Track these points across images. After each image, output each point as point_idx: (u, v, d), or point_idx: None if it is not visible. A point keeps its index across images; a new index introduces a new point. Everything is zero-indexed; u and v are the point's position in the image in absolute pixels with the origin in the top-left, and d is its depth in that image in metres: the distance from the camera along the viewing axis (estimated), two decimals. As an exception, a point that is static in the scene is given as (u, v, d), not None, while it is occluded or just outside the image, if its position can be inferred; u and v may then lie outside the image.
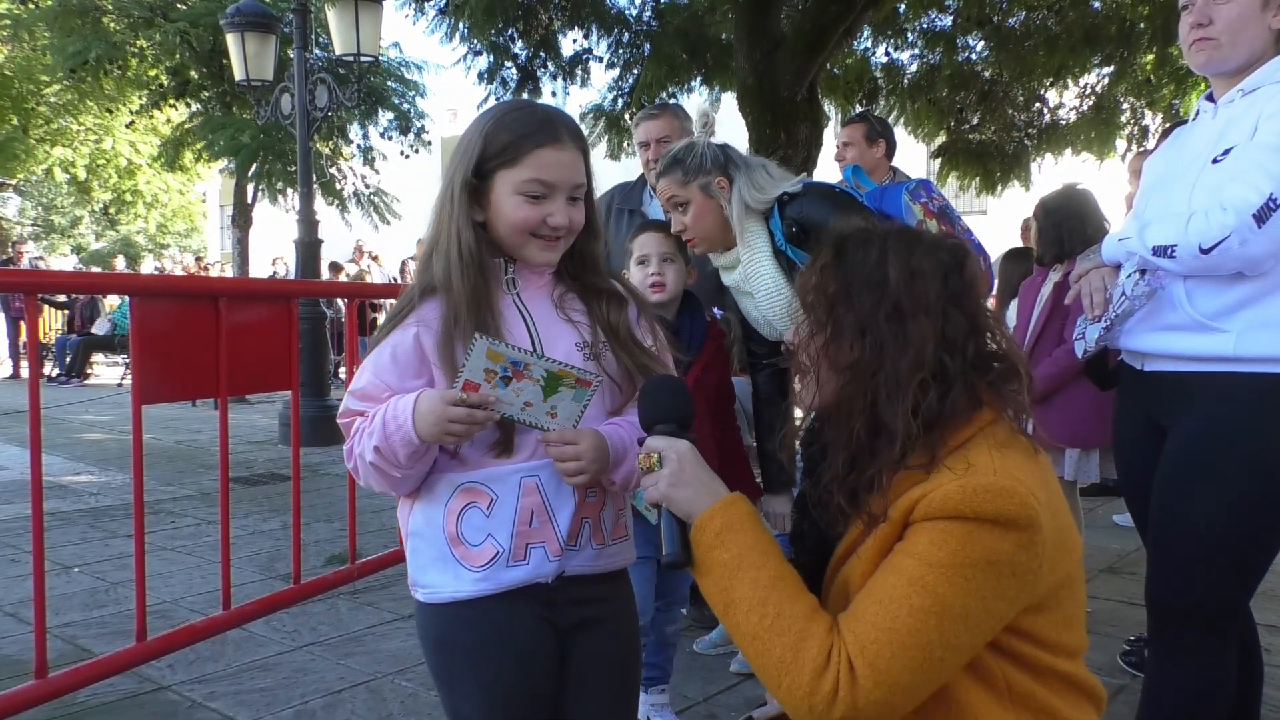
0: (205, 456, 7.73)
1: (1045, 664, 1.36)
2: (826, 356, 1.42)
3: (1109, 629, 3.62)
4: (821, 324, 1.43)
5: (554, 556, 1.61)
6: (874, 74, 10.66)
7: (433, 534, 1.64)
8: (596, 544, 1.67)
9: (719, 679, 3.29)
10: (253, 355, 3.02)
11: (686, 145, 2.70)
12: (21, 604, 3.99)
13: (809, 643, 1.27)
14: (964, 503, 1.27)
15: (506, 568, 1.60)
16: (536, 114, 1.64)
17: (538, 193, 1.59)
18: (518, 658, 1.63)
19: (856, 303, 1.39)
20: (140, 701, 3.10)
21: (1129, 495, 2.44)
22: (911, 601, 1.25)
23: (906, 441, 1.34)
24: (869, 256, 1.42)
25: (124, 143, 21.97)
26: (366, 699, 3.12)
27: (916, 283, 1.38)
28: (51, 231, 33.84)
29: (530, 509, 1.60)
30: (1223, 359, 2.02)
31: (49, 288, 5.68)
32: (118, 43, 13.46)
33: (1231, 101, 2.13)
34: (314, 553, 4.64)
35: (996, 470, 1.30)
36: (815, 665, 1.26)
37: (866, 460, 1.37)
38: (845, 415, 1.40)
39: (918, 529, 1.30)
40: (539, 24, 9.07)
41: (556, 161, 1.60)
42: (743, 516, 1.40)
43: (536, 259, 1.64)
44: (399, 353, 1.62)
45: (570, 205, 1.62)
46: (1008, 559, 1.26)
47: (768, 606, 1.31)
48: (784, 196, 2.61)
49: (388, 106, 15.01)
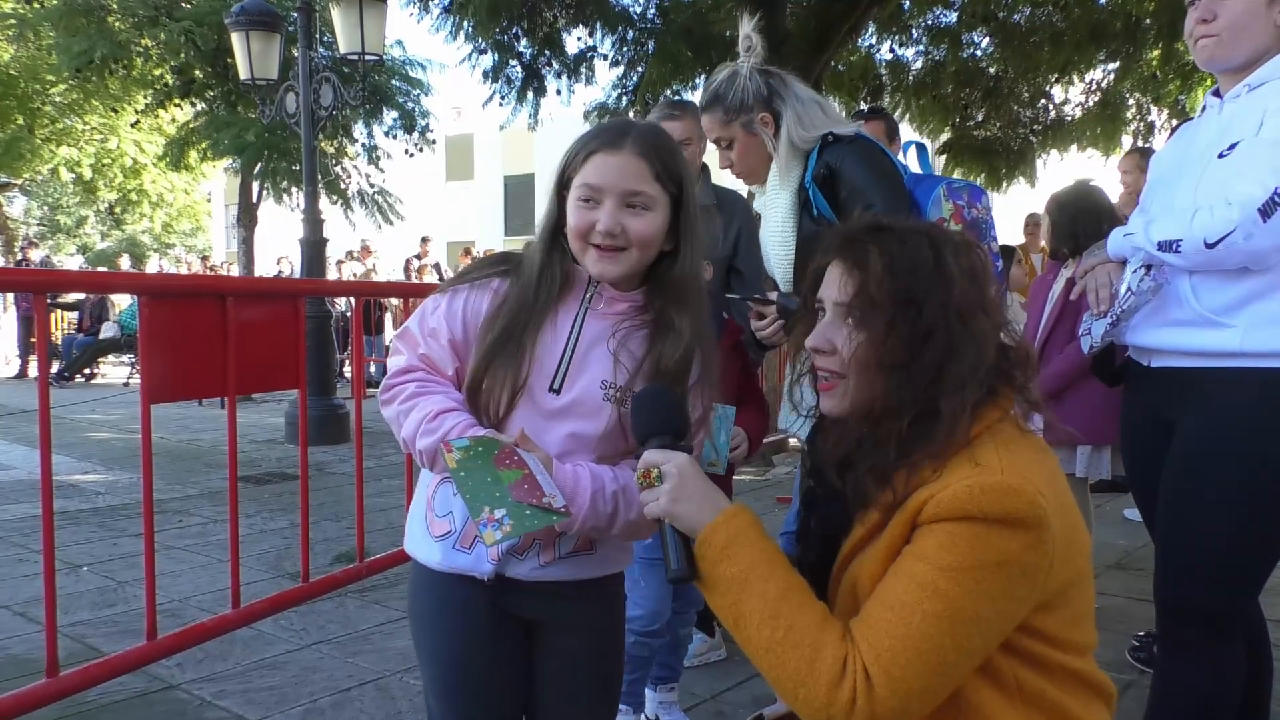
0: (212, 455, 7.75)
1: (1055, 662, 1.36)
2: (877, 359, 1.38)
3: (1117, 625, 3.62)
4: (878, 329, 1.38)
5: (492, 560, 1.61)
6: (879, 71, 10.67)
7: (421, 493, 1.72)
8: (545, 560, 1.63)
9: (727, 676, 3.30)
10: (260, 354, 3.02)
11: (729, 76, 2.57)
12: (30, 603, 4.00)
13: (823, 653, 1.27)
14: (971, 502, 1.26)
15: (454, 549, 1.63)
16: (613, 124, 1.68)
17: (588, 196, 1.58)
18: (463, 633, 1.66)
19: (924, 305, 1.36)
20: (150, 700, 3.12)
21: (1137, 491, 2.44)
22: (924, 607, 1.25)
23: (953, 430, 1.33)
24: (925, 256, 1.39)
25: (129, 142, 22.04)
26: (375, 697, 3.13)
27: (969, 282, 1.39)
28: (57, 231, 33.94)
29: None
30: (1229, 354, 2.02)
31: (57, 287, 5.68)
32: (123, 42, 13.50)
33: (1237, 97, 2.12)
34: (321, 551, 4.65)
35: (1004, 469, 1.30)
36: (831, 676, 1.25)
37: (909, 450, 1.35)
38: (896, 413, 1.36)
39: (926, 531, 1.30)
40: (543, 22, 9.08)
41: (608, 166, 1.57)
42: (746, 528, 1.38)
43: (591, 269, 1.61)
44: (469, 309, 1.65)
45: (626, 212, 1.57)
46: (1017, 559, 1.26)
47: (779, 619, 1.30)
48: (830, 137, 2.52)
49: (392, 105, 15.02)
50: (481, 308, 1.64)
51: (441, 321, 1.65)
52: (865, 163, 2.50)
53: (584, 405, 1.60)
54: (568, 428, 1.60)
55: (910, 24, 10.20)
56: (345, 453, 7.65)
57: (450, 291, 1.68)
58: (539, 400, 1.60)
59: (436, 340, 1.64)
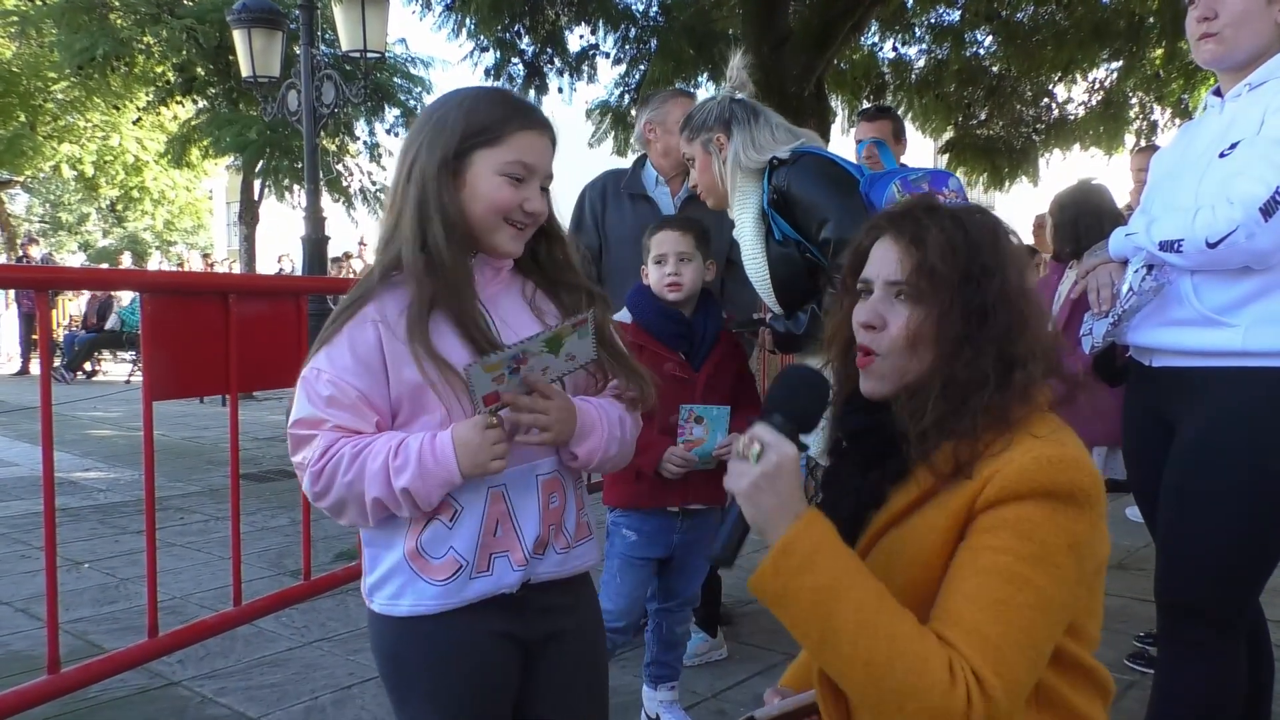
0: (212, 453, 7.75)
1: (1070, 654, 1.36)
2: (934, 331, 1.38)
3: (1119, 625, 3.62)
4: (942, 303, 1.37)
5: (518, 565, 1.56)
6: (881, 69, 10.66)
7: (390, 546, 1.56)
8: (561, 548, 1.62)
9: (728, 675, 3.30)
10: (262, 352, 3.02)
11: (703, 101, 2.75)
12: (32, 600, 4.01)
13: (931, 662, 1.21)
14: (1040, 473, 1.27)
15: (470, 579, 1.53)
16: (514, 98, 1.65)
17: (519, 174, 1.54)
18: (475, 675, 1.58)
19: (985, 280, 1.37)
20: (151, 697, 3.12)
21: (1138, 491, 2.43)
22: (1018, 600, 1.24)
23: (1024, 400, 1.35)
24: (983, 233, 1.41)
25: (131, 139, 22.06)
26: (376, 694, 3.13)
27: (1023, 265, 1.42)
28: (59, 228, 33.94)
29: (495, 518, 1.55)
30: (1231, 354, 2.02)
31: (61, 284, 5.70)
32: (125, 39, 13.52)
33: (1238, 96, 2.12)
34: (322, 549, 4.65)
35: (1063, 441, 1.32)
36: (943, 684, 1.20)
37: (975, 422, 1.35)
38: (959, 386, 1.36)
39: (997, 515, 1.28)
40: (545, 20, 9.08)
41: (537, 146, 1.57)
42: (826, 535, 1.29)
43: (506, 246, 1.57)
44: (360, 351, 1.50)
45: (543, 195, 1.59)
46: (1084, 540, 1.28)
47: (879, 630, 1.23)
48: (774, 161, 2.60)
49: (394, 103, 15.04)
50: (370, 338, 1.50)
51: (334, 385, 1.49)
52: (809, 178, 2.56)
53: None
54: None
55: (913, 22, 10.19)
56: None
57: (322, 355, 1.51)
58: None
59: (339, 406, 1.49)
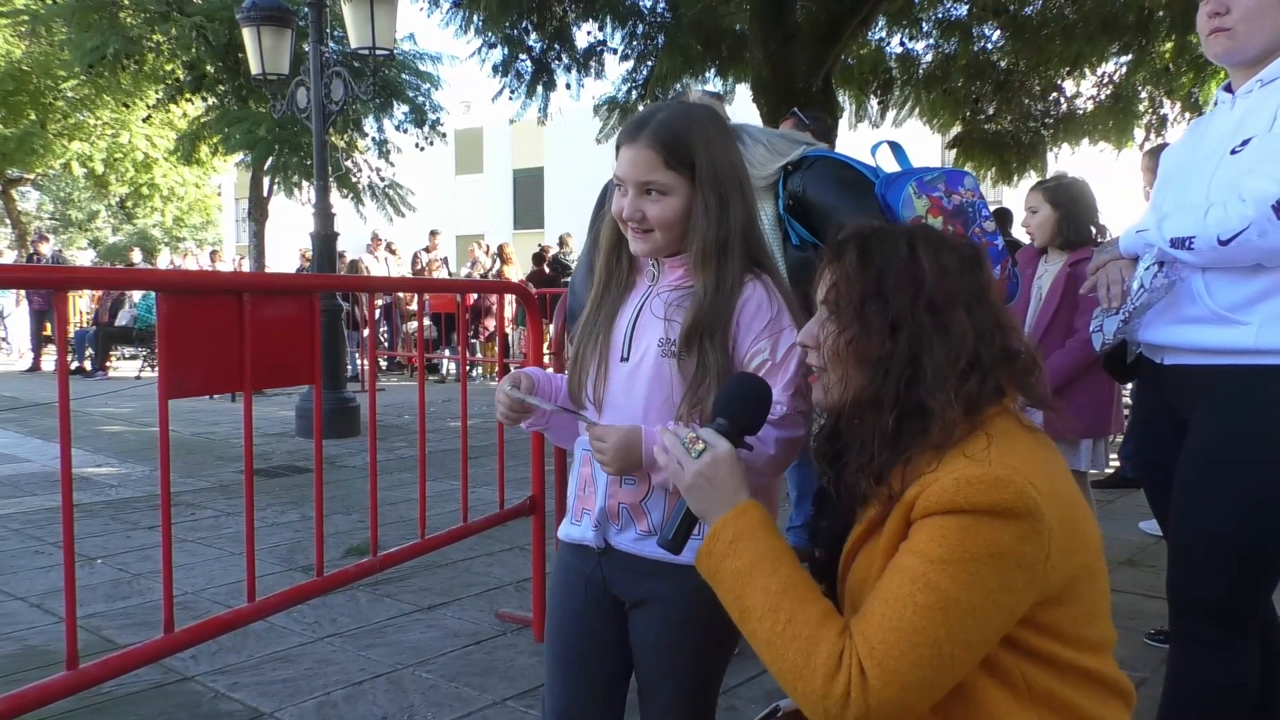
0: (223, 449, 7.78)
1: (1067, 660, 1.36)
2: (854, 352, 1.42)
3: (1129, 622, 3.61)
4: (849, 321, 1.42)
5: (595, 527, 1.78)
6: (889, 64, 10.65)
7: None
8: (641, 530, 1.75)
9: (739, 672, 3.30)
10: (275, 349, 3.03)
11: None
12: (46, 595, 4.04)
13: (820, 647, 1.29)
14: (959, 494, 1.28)
15: (571, 523, 1.85)
16: (638, 116, 1.79)
17: (620, 185, 1.75)
18: (568, 599, 1.86)
19: (892, 298, 1.39)
20: (165, 692, 3.14)
21: (1150, 489, 2.43)
22: (916, 599, 1.26)
23: (946, 425, 1.34)
24: (899, 252, 1.42)
25: (141, 137, 22.14)
26: (388, 690, 3.15)
27: (947, 277, 1.40)
28: (69, 225, 34.08)
29: (584, 479, 1.83)
30: (1243, 351, 2.01)
31: (79, 284, 5.72)
32: (134, 37, 13.57)
33: (1250, 92, 2.11)
34: (333, 545, 4.67)
35: (993, 460, 1.31)
36: (827, 669, 1.28)
37: (900, 446, 1.37)
38: (877, 407, 1.40)
39: (919, 526, 1.31)
40: (553, 16, 9.10)
41: (625, 159, 1.73)
42: (755, 524, 1.41)
43: (632, 248, 1.79)
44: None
45: (645, 199, 1.71)
46: (1010, 550, 1.27)
47: (780, 613, 1.33)
48: (788, 167, 2.61)
49: (402, 99, 15.07)
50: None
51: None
52: (824, 182, 2.57)
53: (646, 365, 1.74)
54: (641, 388, 1.74)
55: (920, 17, 10.18)
56: (355, 446, 7.69)
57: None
58: (614, 370, 1.78)
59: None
